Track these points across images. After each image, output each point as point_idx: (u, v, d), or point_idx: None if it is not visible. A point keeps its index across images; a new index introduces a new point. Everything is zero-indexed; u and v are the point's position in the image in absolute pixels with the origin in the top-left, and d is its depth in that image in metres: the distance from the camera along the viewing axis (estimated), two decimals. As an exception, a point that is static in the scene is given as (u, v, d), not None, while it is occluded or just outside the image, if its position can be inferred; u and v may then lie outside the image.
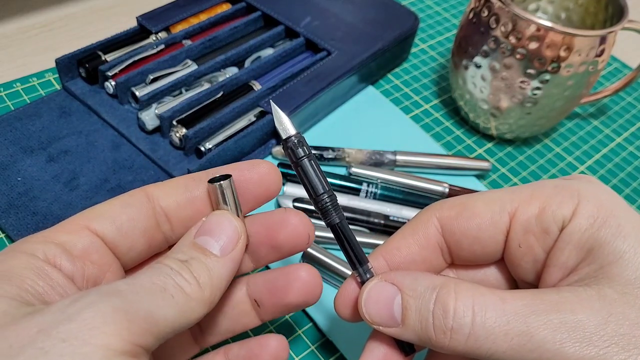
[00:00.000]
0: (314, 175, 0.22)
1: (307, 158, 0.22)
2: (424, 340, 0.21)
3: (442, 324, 0.20)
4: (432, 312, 0.21)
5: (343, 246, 0.23)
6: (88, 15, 0.49)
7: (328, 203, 0.22)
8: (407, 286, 0.22)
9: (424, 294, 0.21)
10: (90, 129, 0.39)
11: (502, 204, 0.23)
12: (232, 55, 0.42)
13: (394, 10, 0.49)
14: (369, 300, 0.22)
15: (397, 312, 0.22)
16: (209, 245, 0.21)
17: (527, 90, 0.39)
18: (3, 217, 0.33)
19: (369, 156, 0.40)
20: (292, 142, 0.22)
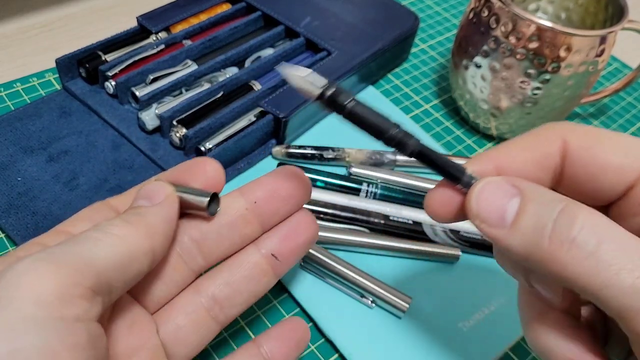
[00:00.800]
0: (370, 115, 0.21)
1: (353, 102, 0.20)
2: (528, 250, 0.19)
3: (563, 233, 0.18)
4: (555, 219, 0.18)
5: (435, 167, 0.22)
6: (88, 15, 0.49)
7: (400, 135, 0.21)
8: (530, 191, 0.20)
9: (549, 202, 0.19)
10: (90, 129, 0.39)
11: (637, 154, 0.21)
12: (232, 55, 0.42)
13: (394, 10, 0.49)
14: (482, 195, 0.20)
15: (510, 214, 0.19)
16: (139, 204, 0.23)
17: (527, 90, 0.39)
18: (3, 217, 0.33)
19: (369, 156, 0.40)
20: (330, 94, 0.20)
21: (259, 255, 0.26)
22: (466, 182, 0.21)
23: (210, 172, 0.25)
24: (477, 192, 0.20)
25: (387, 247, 0.35)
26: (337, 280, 0.33)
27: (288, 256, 0.26)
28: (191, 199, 0.24)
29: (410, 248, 0.35)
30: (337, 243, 0.34)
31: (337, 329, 0.31)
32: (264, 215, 0.26)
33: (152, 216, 0.22)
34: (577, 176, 0.21)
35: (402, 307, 0.32)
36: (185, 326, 0.24)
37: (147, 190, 0.23)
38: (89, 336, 0.17)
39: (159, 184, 0.23)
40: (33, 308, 0.16)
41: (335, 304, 0.33)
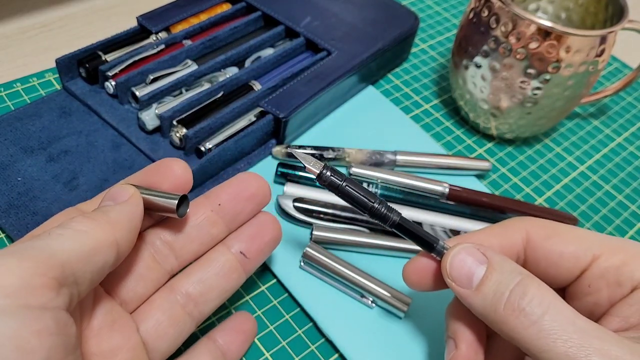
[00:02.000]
0: (357, 194, 0.25)
1: (345, 182, 0.24)
2: (487, 310, 0.23)
3: (515, 302, 0.22)
4: (512, 289, 0.22)
5: (413, 237, 0.25)
6: (88, 15, 0.49)
7: (382, 210, 0.25)
8: (496, 261, 0.24)
9: (509, 273, 0.23)
10: (90, 129, 0.39)
11: (590, 245, 0.25)
12: (232, 55, 0.42)
13: (394, 10, 0.49)
14: (455, 259, 0.24)
15: (476, 278, 0.23)
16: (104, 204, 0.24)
17: (527, 90, 0.39)
18: (3, 217, 0.33)
19: (369, 156, 0.40)
20: (326, 176, 0.24)
21: (229, 253, 0.28)
22: (439, 250, 0.25)
23: (178, 171, 0.26)
24: (451, 256, 0.25)
25: (387, 247, 0.35)
26: (337, 280, 0.33)
27: (256, 254, 0.28)
28: (160, 202, 0.25)
29: (411, 248, 0.35)
30: (337, 243, 0.34)
31: (337, 329, 0.31)
32: (228, 215, 0.28)
33: (114, 212, 0.23)
34: (537, 262, 0.25)
35: (402, 307, 0.32)
36: (164, 322, 0.25)
37: (111, 192, 0.24)
38: (56, 323, 0.18)
39: (123, 187, 0.24)
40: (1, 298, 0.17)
41: (335, 304, 0.33)
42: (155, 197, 0.25)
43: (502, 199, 0.39)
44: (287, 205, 0.35)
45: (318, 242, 0.34)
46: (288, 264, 0.34)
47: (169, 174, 0.26)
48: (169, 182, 0.26)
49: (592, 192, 0.43)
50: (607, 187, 0.44)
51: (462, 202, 0.38)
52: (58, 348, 0.18)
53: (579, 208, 0.42)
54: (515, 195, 0.42)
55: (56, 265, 0.19)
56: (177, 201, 0.24)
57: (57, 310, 0.18)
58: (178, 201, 0.24)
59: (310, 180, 0.38)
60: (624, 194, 0.43)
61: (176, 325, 0.26)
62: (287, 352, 0.31)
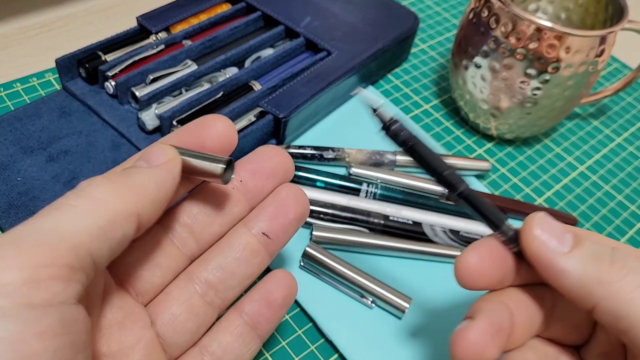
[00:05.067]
0: (429, 154, 0.22)
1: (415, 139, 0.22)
2: (587, 271, 0.20)
3: (621, 261, 0.20)
4: (612, 249, 0.21)
5: (479, 211, 0.23)
6: (88, 15, 0.49)
7: (453, 177, 0.22)
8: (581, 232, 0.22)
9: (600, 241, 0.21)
10: (90, 129, 0.39)
11: None
12: (232, 55, 0.42)
13: (394, 10, 0.49)
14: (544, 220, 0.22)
15: (566, 243, 0.21)
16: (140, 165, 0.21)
17: (527, 90, 0.39)
18: (3, 217, 0.33)
19: (369, 156, 0.40)
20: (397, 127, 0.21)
21: (250, 235, 0.25)
22: (506, 231, 0.23)
23: (222, 129, 0.23)
24: (539, 217, 0.22)
25: (387, 247, 0.35)
26: (337, 280, 0.33)
27: (279, 233, 0.26)
28: (203, 165, 0.22)
29: (410, 248, 0.35)
30: (337, 243, 0.34)
31: (337, 329, 0.31)
32: (250, 192, 0.25)
33: (140, 177, 0.20)
34: None
35: (402, 307, 0.32)
36: (181, 315, 0.23)
37: (147, 152, 0.21)
38: (62, 321, 0.16)
39: (162, 147, 0.21)
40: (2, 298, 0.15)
41: (335, 304, 0.33)
42: (197, 159, 0.22)
43: (502, 199, 0.39)
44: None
45: (318, 242, 0.34)
46: (288, 264, 0.34)
47: (211, 132, 0.23)
48: (212, 142, 0.23)
49: (592, 192, 0.43)
50: (606, 188, 0.44)
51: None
52: (65, 349, 0.16)
53: (579, 208, 0.42)
54: (515, 195, 0.42)
55: (68, 248, 0.17)
56: (224, 165, 0.22)
57: (63, 306, 0.16)
58: (225, 164, 0.22)
59: (310, 180, 0.38)
60: (623, 194, 0.43)
61: (195, 317, 0.24)
62: (287, 352, 0.31)
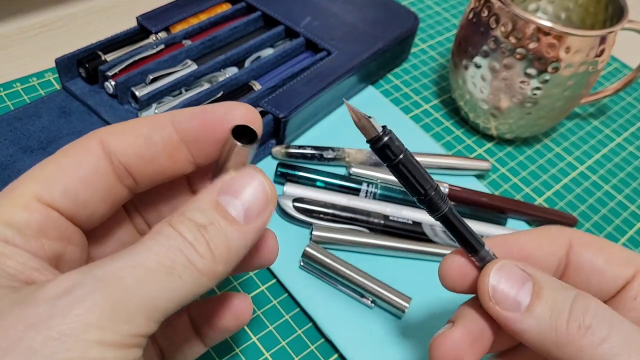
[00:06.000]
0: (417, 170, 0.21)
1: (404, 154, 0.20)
2: (544, 332, 0.20)
3: (580, 319, 0.19)
4: (571, 305, 0.20)
5: (459, 234, 0.22)
6: (88, 15, 0.49)
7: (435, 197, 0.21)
8: (542, 278, 0.21)
9: (561, 289, 0.20)
10: (90, 129, 0.38)
11: (631, 257, 0.23)
12: (232, 55, 0.42)
13: (394, 10, 0.49)
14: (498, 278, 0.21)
15: (524, 298, 0.20)
16: (233, 207, 0.18)
17: (527, 90, 0.39)
18: (3, 217, 0.33)
19: (369, 156, 0.40)
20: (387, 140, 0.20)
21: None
22: (483, 256, 0.22)
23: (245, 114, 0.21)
24: (493, 272, 0.21)
25: (387, 247, 0.35)
26: (337, 280, 0.33)
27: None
28: None
29: (410, 248, 0.35)
30: (336, 243, 0.34)
31: (337, 329, 0.31)
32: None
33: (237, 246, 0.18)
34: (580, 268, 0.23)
35: (402, 307, 0.32)
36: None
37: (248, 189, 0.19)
38: None
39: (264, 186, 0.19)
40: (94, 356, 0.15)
41: (335, 304, 0.33)
42: None
43: (502, 199, 0.39)
44: (286, 205, 0.35)
45: (318, 242, 0.34)
46: (288, 264, 0.34)
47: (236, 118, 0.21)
48: None
49: (592, 192, 0.43)
50: (606, 187, 0.44)
51: (462, 202, 0.38)
52: None
53: (579, 208, 0.42)
54: (515, 195, 0.42)
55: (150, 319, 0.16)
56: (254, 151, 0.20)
57: None
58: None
59: (310, 180, 0.38)
60: (623, 194, 0.43)
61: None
62: (286, 352, 0.31)
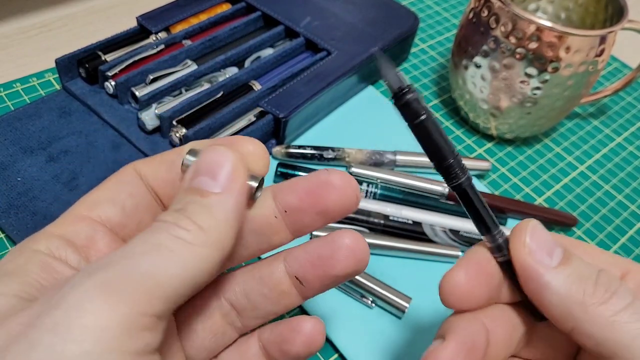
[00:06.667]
0: (439, 133, 0.20)
1: (428, 114, 0.19)
2: (571, 291, 0.20)
3: (606, 285, 0.20)
4: (597, 275, 0.20)
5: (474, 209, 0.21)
6: (88, 15, 0.49)
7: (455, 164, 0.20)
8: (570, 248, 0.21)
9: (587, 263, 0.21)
10: (90, 129, 0.39)
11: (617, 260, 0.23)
12: (232, 55, 0.42)
13: (394, 10, 0.49)
14: (536, 230, 0.21)
15: (555, 257, 0.21)
16: (206, 185, 0.18)
17: (527, 90, 0.39)
18: (3, 217, 0.33)
19: (369, 156, 0.40)
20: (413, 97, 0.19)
21: (283, 273, 0.22)
22: (496, 237, 0.22)
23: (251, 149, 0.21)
24: (532, 225, 0.21)
25: (387, 247, 0.35)
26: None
27: (315, 284, 0.22)
28: None
29: (410, 248, 0.35)
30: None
31: (337, 329, 0.31)
32: (295, 225, 0.22)
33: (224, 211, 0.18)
34: None
35: (402, 307, 0.32)
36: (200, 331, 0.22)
37: (210, 162, 0.19)
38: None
39: (223, 152, 0.19)
40: (93, 343, 0.15)
41: (335, 304, 0.33)
42: None
43: (502, 199, 0.39)
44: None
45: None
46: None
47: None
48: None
49: (592, 192, 0.43)
50: (606, 187, 0.44)
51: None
52: None
53: (579, 208, 0.42)
54: (515, 195, 0.42)
55: (161, 298, 0.16)
56: (256, 183, 0.20)
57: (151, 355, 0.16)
58: (258, 184, 0.20)
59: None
60: (623, 194, 0.43)
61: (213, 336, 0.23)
62: (287, 352, 0.31)
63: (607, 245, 0.40)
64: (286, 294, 0.22)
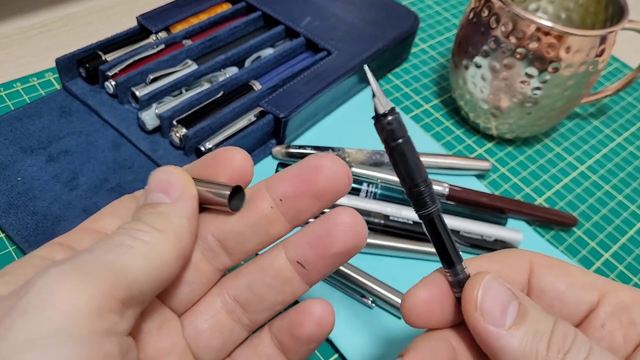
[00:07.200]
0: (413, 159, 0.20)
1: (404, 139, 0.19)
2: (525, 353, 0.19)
3: (560, 343, 0.19)
4: (552, 330, 0.20)
5: (440, 241, 0.21)
6: (88, 15, 0.49)
7: (425, 192, 0.20)
8: (525, 299, 0.21)
9: (542, 312, 0.20)
10: (90, 129, 0.39)
11: (595, 281, 0.23)
12: (232, 55, 0.42)
13: (394, 10, 0.49)
14: (488, 289, 0.20)
15: (510, 316, 0.20)
16: (158, 199, 0.20)
17: (527, 90, 0.39)
18: (3, 217, 0.33)
19: (369, 156, 0.40)
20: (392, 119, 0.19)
21: (284, 261, 0.22)
22: (457, 272, 0.22)
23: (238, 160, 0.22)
24: (484, 283, 0.21)
25: (387, 247, 0.35)
26: (337, 280, 0.33)
27: (317, 264, 0.22)
28: (211, 194, 0.21)
29: (410, 248, 0.35)
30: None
31: (337, 329, 0.31)
32: (291, 213, 0.22)
33: (177, 218, 0.20)
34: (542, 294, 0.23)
35: (402, 307, 0.32)
36: (206, 331, 0.23)
37: (160, 180, 0.21)
38: (120, 349, 0.17)
39: (171, 172, 0.21)
40: (65, 321, 0.16)
41: (335, 304, 0.33)
42: (204, 188, 0.21)
43: (502, 199, 0.39)
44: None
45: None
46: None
47: (226, 163, 0.22)
48: (226, 173, 0.22)
49: (592, 192, 0.43)
50: (607, 187, 0.44)
51: (462, 202, 0.38)
52: None
53: (579, 208, 0.42)
54: (515, 195, 0.42)
55: (125, 285, 0.17)
56: (228, 192, 0.21)
57: (121, 336, 0.17)
58: (230, 192, 0.21)
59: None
60: (623, 194, 0.43)
61: (220, 334, 0.23)
62: (287, 352, 0.31)
63: (607, 245, 0.40)
64: (289, 280, 0.22)
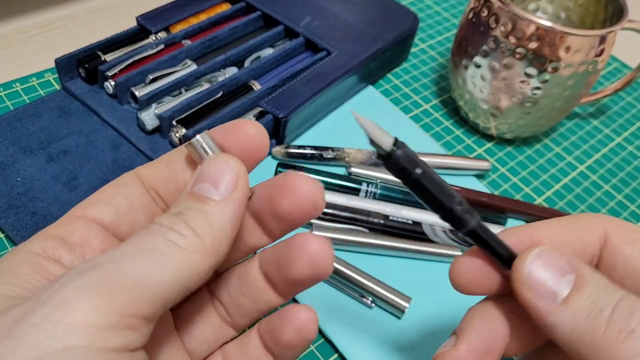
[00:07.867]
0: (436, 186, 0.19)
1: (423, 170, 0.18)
2: (578, 331, 0.18)
3: (622, 322, 0.18)
4: (614, 307, 0.18)
5: (489, 247, 0.20)
6: (88, 15, 0.49)
7: (461, 211, 0.19)
8: (587, 273, 0.19)
9: (606, 288, 0.19)
10: (90, 129, 0.39)
11: None
12: (232, 55, 0.42)
13: (394, 10, 0.49)
14: (537, 262, 0.19)
15: (563, 290, 0.19)
16: (207, 192, 0.19)
17: (526, 90, 0.39)
18: (2, 217, 0.33)
19: (369, 156, 0.40)
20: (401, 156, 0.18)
21: (257, 271, 0.22)
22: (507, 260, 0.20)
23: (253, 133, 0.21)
24: (532, 256, 0.19)
25: (387, 247, 0.35)
26: (337, 280, 0.33)
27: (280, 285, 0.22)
28: None
29: (410, 248, 0.35)
30: (337, 243, 0.34)
31: (337, 329, 0.31)
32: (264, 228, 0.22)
33: (219, 222, 0.18)
34: (614, 269, 0.21)
35: (402, 307, 0.32)
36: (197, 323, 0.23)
37: (215, 170, 0.19)
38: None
39: (229, 165, 0.19)
40: (78, 338, 0.15)
41: (335, 304, 0.33)
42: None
43: (502, 198, 0.39)
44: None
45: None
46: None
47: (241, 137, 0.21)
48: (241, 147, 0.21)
49: (592, 192, 0.43)
50: (606, 187, 0.44)
51: (462, 202, 0.38)
52: None
53: (579, 208, 0.42)
54: (514, 195, 0.42)
55: (147, 302, 0.16)
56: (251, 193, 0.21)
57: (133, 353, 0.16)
58: None
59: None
60: (623, 194, 0.43)
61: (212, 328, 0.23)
62: (286, 352, 0.31)
63: (607, 245, 0.40)
64: (262, 291, 0.22)
